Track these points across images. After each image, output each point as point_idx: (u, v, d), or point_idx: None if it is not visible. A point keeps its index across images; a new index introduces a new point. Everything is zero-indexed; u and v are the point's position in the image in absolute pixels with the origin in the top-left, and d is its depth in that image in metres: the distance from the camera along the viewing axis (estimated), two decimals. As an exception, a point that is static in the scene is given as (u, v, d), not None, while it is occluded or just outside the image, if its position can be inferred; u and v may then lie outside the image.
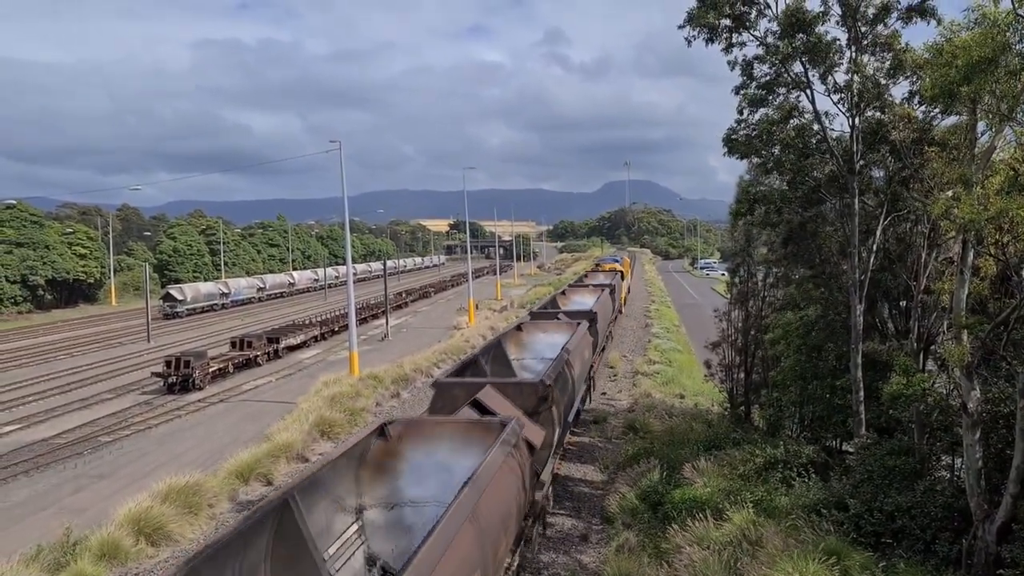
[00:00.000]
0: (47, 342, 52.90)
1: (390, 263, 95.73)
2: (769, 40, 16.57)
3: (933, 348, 15.49)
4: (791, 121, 17.25)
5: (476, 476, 9.66)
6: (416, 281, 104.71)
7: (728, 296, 26.49)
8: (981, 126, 11.98)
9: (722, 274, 64.68)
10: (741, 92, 17.30)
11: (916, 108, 15.65)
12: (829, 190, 17.25)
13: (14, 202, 74.05)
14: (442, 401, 14.69)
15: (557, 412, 15.81)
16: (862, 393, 16.01)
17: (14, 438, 25.81)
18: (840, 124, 16.90)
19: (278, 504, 8.98)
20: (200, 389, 32.96)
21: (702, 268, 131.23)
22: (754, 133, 17.44)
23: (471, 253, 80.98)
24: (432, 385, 15.59)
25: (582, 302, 37.96)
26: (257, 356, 39.40)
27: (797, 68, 16.50)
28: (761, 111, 17.39)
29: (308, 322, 49.83)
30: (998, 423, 12.11)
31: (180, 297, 69.34)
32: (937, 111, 14.68)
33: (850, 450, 17.09)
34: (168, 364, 33.11)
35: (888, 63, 15.83)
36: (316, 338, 47.65)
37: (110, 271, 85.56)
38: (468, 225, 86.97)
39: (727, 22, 16.58)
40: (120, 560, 14.63)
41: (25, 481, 20.90)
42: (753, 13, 16.50)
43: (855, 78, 15.83)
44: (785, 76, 16.76)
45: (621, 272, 64.01)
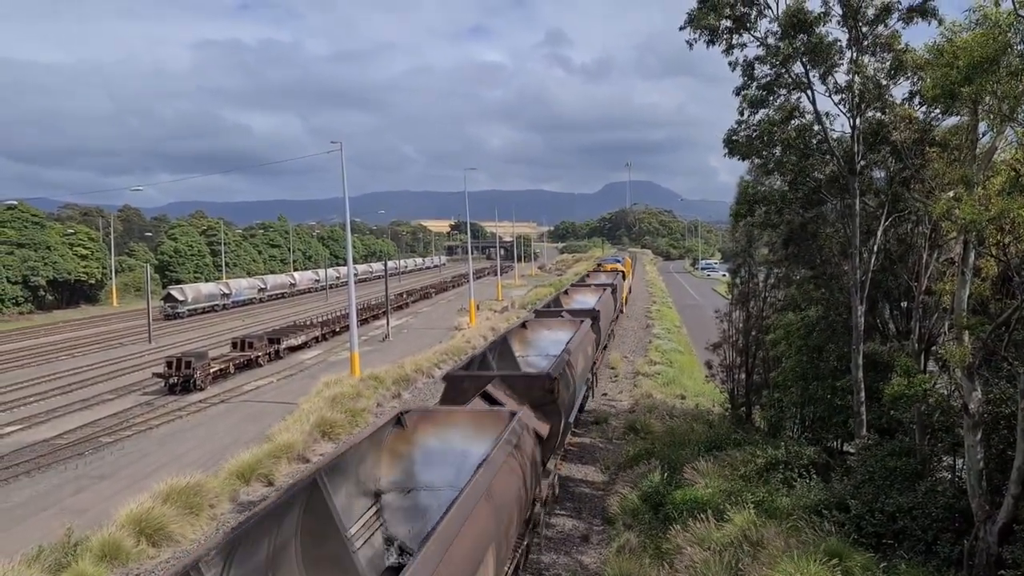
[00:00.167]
0: (48, 343, 52.94)
1: (391, 264, 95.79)
2: (770, 41, 16.57)
3: (934, 349, 15.48)
4: (792, 122, 17.25)
5: (491, 458, 10.35)
6: (417, 282, 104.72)
7: (729, 297, 26.50)
8: (982, 127, 11.99)
9: (723, 275, 64.72)
10: (742, 93, 17.31)
11: (917, 109, 15.65)
12: (830, 191, 17.24)
13: (15, 203, 74.13)
14: (453, 393, 15.37)
15: (562, 404, 16.38)
16: (863, 394, 16.00)
17: (15, 438, 25.83)
18: (841, 125, 16.92)
19: (308, 483, 9.49)
20: (201, 390, 32.97)
21: (703, 269, 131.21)
22: (755, 134, 17.43)
23: (472, 254, 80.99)
24: (443, 378, 16.37)
25: (585, 301, 38.49)
26: (258, 357, 39.41)
27: (798, 69, 16.50)
28: (762, 112, 17.39)
29: (309, 323, 49.83)
30: (999, 424, 12.11)
31: (181, 298, 69.37)
32: (938, 112, 14.68)
33: (851, 451, 17.08)
34: (169, 365, 33.11)
35: (889, 64, 15.83)
36: (317, 339, 47.68)
37: (111, 272, 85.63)
38: (469, 226, 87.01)
39: (727, 23, 16.58)
40: (121, 561, 14.63)
41: (26, 481, 20.92)
42: (753, 14, 16.50)
43: (856, 79, 15.82)
44: (786, 77, 16.76)
45: (623, 272, 64.34)
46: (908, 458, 13.71)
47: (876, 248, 16.39)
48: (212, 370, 34.57)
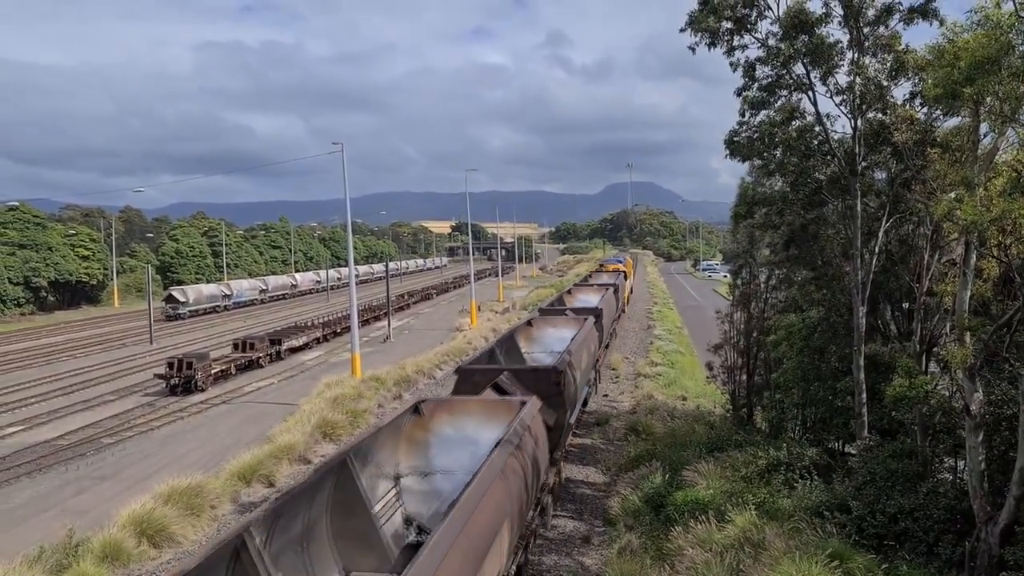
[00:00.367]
0: (50, 344, 52.97)
1: (392, 265, 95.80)
2: (771, 42, 16.55)
3: (936, 350, 15.45)
4: (793, 123, 17.23)
5: (505, 440, 11.17)
6: (418, 283, 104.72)
7: (730, 298, 26.50)
8: (984, 128, 11.98)
9: (724, 276, 64.74)
10: (743, 94, 17.30)
11: (918, 110, 15.63)
12: (831, 192, 17.22)
13: (17, 204, 74.26)
14: (464, 386, 16.14)
15: (568, 397, 17.19)
16: (864, 395, 15.98)
17: (17, 439, 25.85)
18: (842, 126, 16.90)
19: (338, 463, 10.30)
20: (202, 391, 32.97)
21: (704, 270, 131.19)
22: (755, 135, 17.41)
23: (473, 255, 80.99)
24: (455, 371, 17.25)
25: (588, 300, 39.49)
26: (259, 358, 39.42)
27: (799, 70, 16.48)
28: (763, 113, 17.38)
29: (310, 324, 49.85)
30: (1001, 425, 12.10)
31: (182, 299, 69.41)
32: (939, 113, 14.67)
33: (853, 452, 17.06)
34: (170, 366, 33.12)
35: (889, 65, 15.81)
36: (318, 340, 47.69)
37: (113, 273, 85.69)
38: (470, 227, 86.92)
39: (728, 25, 16.57)
40: (122, 562, 14.64)
41: (28, 482, 20.93)
42: (754, 15, 16.48)
43: (857, 80, 15.80)
44: (787, 78, 16.74)
45: (624, 272, 64.88)
46: (909, 459, 13.70)
47: (877, 249, 16.36)
48: (213, 371, 34.58)
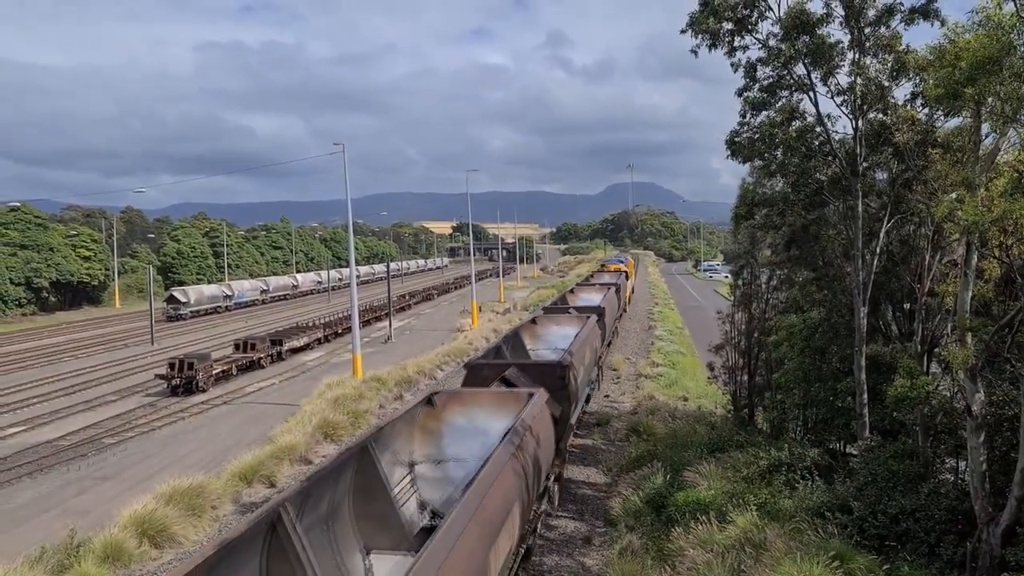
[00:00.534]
0: (51, 344, 53.01)
1: (393, 265, 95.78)
2: (771, 43, 16.55)
3: (937, 351, 15.44)
4: (793, 123, 17.22)
5: (515, 428, 11.81)
6: (419, 283, 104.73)
7: (731, 298, 26.50)
8: (985, 128, 11.97)
9: (725, 276, 64.77)
10: (744, 95, 17.29)
11: (919, 110, 15.62)
12: (832, 192, 17.21)
13: (18, 204, 74.29)
14: (473, 380, 16.82)
15: (572, 390, 17.90)
16: (866, 396, 15.97)
17: (19, 440, 25.87)
18: (843, 126, 16.88)
19: (360, 448, 10.89)
20: (204, 391, 33.00)
21: (705, 271, 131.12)
22: (756, 136, 17.41)
23: (474, 255, 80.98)
24: (464, 366, 17.93)
25: (590, 299, 40.47)
26: (261, 358, 39.44)
27: (800, 70, 16.47)
28: (763, 114, 17.37)
29: (311, 324, 49.88)
30: (1002, 426, 12.09)
31: (184, 299, 69.45)
32: (940, 113, 14.66)
33: (854, 453, 17.05)
34: (172, 366, 33.14)
35: (890, 65, 15.80)
36: (319, 340, 47.71)
37: (114, 273, 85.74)
38: (471, 227, 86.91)
39: (729, 26, 16.56)
40: (124, 562, 14.65)
41: (29, 483, 20.95)
42: (754, 16, 16.47)
43: (858, 80, 15.79)
44: (788, 79, 16.74)
45: (626, 272, 65.36)
46: (911, 460, 13.69)
47: (878, 250, 16.35)
48: (214, 372, 34.60)
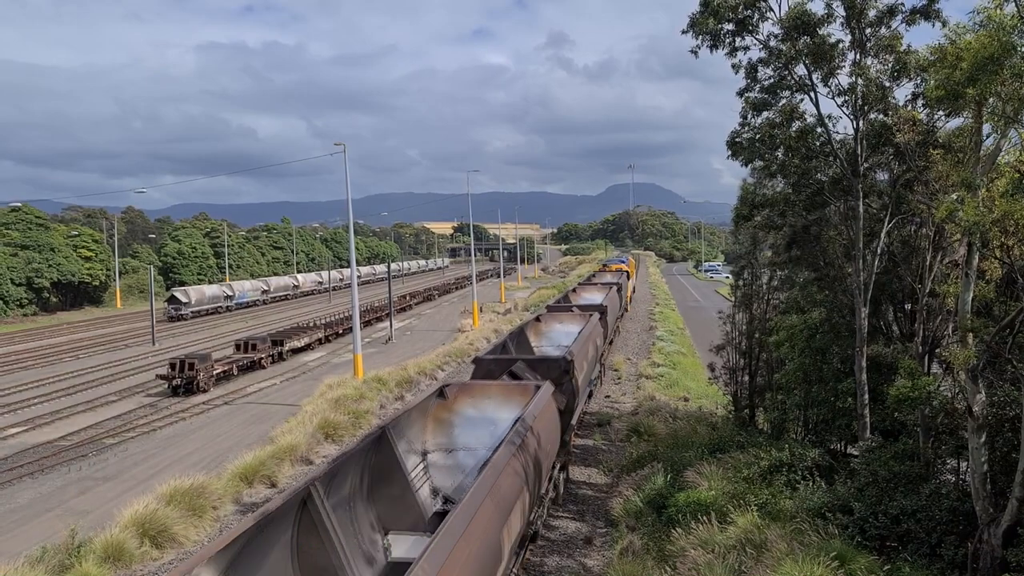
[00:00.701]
0: (52, 344, 53.04)
1: (394, 266, 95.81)
2: (772, 44, 16.54)
3: (938, 351, 15.43)
4: (794, 124, 17.22)
5: (522, 418, 12.34)
6: (420, 284, 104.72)
7: (732, 299, 26.49)
8: (986, 129, 11.96)
9: (726, 277, 64.81)
10: (745, 95, 17.29)
11: (920, 111, 15.61)
12: (833, 193, 17.20)
13: (20, 205, 74.39)
14: (481, 375, 17.34)
15: (576, 385, 18.51)
16: (867, 396, 15.97)
17: (19, 440, 25.89)
18: (844, 127, 16.87)
19: (377, 435, 11.49)
20: (204, 391, 33.02)
21: (706, 271, 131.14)
22: (757, 136, 17.40)
23: (475, 256, 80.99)
24: (473, 361, 18.60)
25: (592, 298, 41.15)
26: (261, 358, 39.47)
27: (800, 71, 16.47)
28: (764, 115, 17.37)
29: (312, 324, 49.90)
30: (1003, 427, 12.07)
31: (185, 300, 69.48)
32: (941, 114, 14.65)
33: (855, 453, 17.03)
34: (172, 366, 33.16)
35: (891, 66, 15.79)
36: (320, 340, 47.73)
37: (115, 274, 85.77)
38: (472, 228, 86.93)
39: (729, 27, 16.56)
40: (125, 562, 14.66)
41: (30, 483, 20.96)
42: (755, 17, 16.47)
43: (859, 81, 15.79)
44: (788, 79, 16.73)
45: (627, 272, 65.85)
46: (912, 461, 13.67)
47: (879, 250, 16.34)
48: (215, 372, 34.61)
